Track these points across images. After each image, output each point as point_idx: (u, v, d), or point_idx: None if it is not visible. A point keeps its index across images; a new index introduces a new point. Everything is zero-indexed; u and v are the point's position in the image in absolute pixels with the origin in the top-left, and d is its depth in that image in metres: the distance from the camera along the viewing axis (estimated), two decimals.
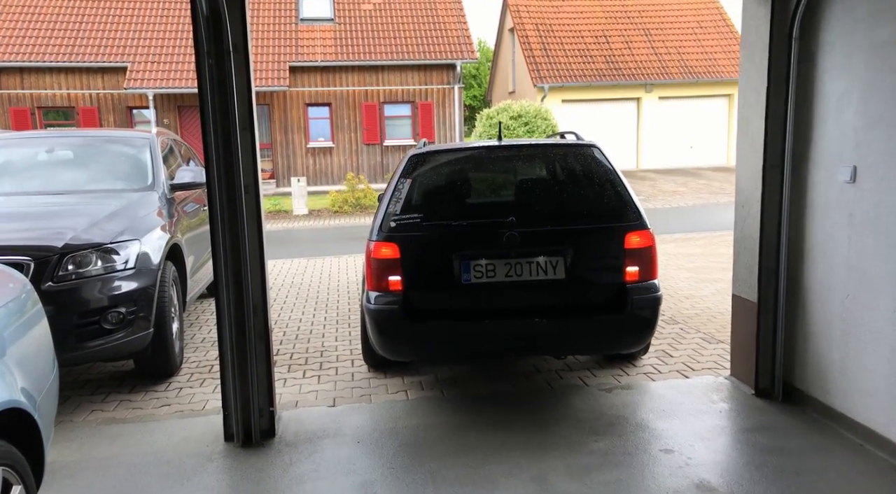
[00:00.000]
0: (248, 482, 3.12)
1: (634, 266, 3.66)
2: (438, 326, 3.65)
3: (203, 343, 5.38)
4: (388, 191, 3.88)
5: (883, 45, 3.07)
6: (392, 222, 3.71)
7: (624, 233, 3.67)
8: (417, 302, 3.65)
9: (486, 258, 3.62)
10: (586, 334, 3.72)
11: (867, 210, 3.20)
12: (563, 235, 3.69)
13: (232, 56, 3.21)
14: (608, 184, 3.87)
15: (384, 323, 3.64)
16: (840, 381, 3.42)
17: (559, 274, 3.63)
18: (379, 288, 3.66)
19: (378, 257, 3.65)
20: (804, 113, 3.63)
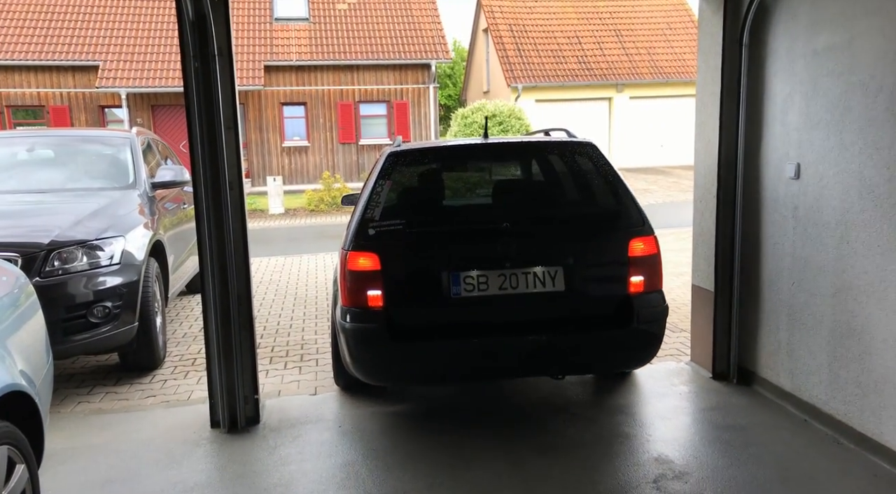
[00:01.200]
0: (235, 464, 3.29)
1: (639, 275, 3.34)
2: (425, 346, 3.27)
3: (185, 337, 5.50)
4: (363, 193, 3.51)
5: (821, 52, 3.34)
6: (370, 229, 3.31)
7: (627, 240, 3.34)
8: (400, 319, 3.26)
9: (477, 269, 3.26)
10: (589, 352, 3.40)
11: (809, 203, 3.48)
12: (562, 243, 3.36)
13: (217, 59, 3.37)
14: (608, 186, 3.55)
15: (363, 344, 3.25)
16: (787, 363, 3.70)
17: (558, 286, 3.29)
18: (356, 304, 3.25)
19: (355, 269, 3.24)
20: (754, 114, 3.90)
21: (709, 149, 4.12)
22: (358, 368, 3.34)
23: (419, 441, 3.45)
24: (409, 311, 3.32)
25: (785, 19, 3.61)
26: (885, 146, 2.98)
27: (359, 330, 3.25)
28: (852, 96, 3.16)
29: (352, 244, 3.29)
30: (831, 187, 3.32)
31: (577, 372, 3.91)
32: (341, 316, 3.34)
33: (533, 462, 3.19)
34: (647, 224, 3.41)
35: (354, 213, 3.46)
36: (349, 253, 3.28)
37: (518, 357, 3.34)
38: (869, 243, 3.09)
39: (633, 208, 3.45)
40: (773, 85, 3.74)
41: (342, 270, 3.35)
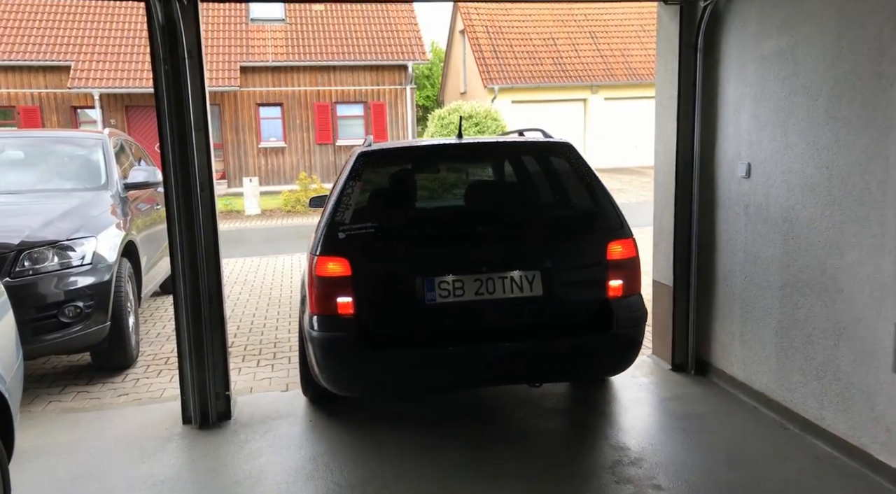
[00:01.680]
0: (207, 457, 3.36)
1: (618, 279, 3.27)
2: (398, 355, 3.14)
3: (158, 337, 5.54)
4: (332, 195, 3.38)
5: (768, 57, 3.52)
6: (340, 233, 3.17)
7: (606, 243, 3.27)
8: (372, 326, 3.14)
9: (452, 274, 3.15)
10: (568, 359, 3.30)
11: (759, 201, 3.65)
12: (539, 246, 3.27)
13: (187, 62, 3.44)
14: (585, 188, 3.46)
15: (333, 354, 3.12)
16: (740, 354, 3.87)
17: (536, 291, 3.19)
18: (325, 312, 3.12)
19: (324, 275, 3.11)
20: (709, 116, 4.07)
21: (667, 149, 4.28)
22: (327, 379, 3.20)
23: (388, 433, 3.55)
24: (382, 319, 3.19)
25: (736, 26, 3.78)
26: (824, 147, 3.15)
27: (328, 339, 3.11)
28: (796, 99, 3.33)
29: (320, 248, 3.14)
30: (778, 186, 3.49)
31: (555, 379, 3.80)
32: (309, 323, 3.19)
33: (496, 452, 3.31)
34: (626, 226, 3.34)
35: (323, 216, 3.32)
36: (318, 257, 3.13)
37: (495, 365, 3.22)
38: (811, 239, 3.26)
39: (611, 210, 3.37)
40: (726, 88, 3.91)
41: (310, 276, 3.19)
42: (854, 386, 3.05)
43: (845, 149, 3.02)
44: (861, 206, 2.95)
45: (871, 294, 2.92)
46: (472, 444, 3.39)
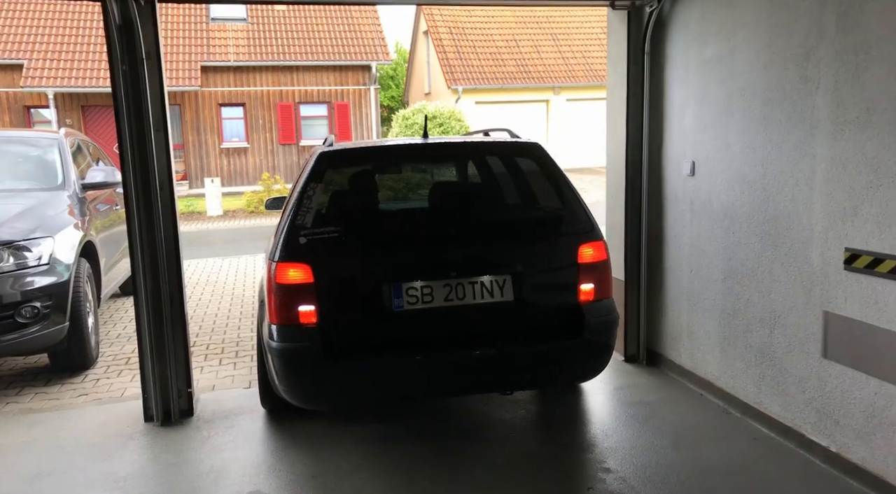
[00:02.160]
0: (169, 453, 3.40)
1: (589, 283, 3.20)
2: (364, 366, 3.01)
3: (119, 338, 5.50)
4: (292, 197, 3.23)
5: (709, 61, 3.71)
6: (301, 237, 3.03)
7: (577, 246, 3.20)
8: (337, 336, 3.01)
9: (421, 279, 3.03)
10: (539, 365, 3.21)
11: (703, 198, 3.85)
12: (509, 250, 3.18)
13: (145, 63, 3.47)
14: (555, 189, 3.40)
15: (296, 366, 2.98)
16: (688, 344, 4.06)
17: (507, 296, 3.10)
18: (286, 321, 2.97)
19: (284, 282, 2.95)
20: (657, 117, 4.26)
21: (618, 149, 4.46)
22: (289, 392, 3.05)
23: (348, 425, 3.63)
24: (347, 328, 3.05)
25: (679, 31, 3.97)
26: (759, 146, 3.35)
27: (289, 350, 2.96)
28: (734, 101, 3.52)
29: (280, 254, 2.99)
30: (719, 183, 3.69)
31: (527, 387, 3.72)
32: (269, 334, 3.03)
33: (454, 443, 3.42)
34: (596, 228, 3.28)
35: (282, 220, 3.16)
36: (277, 264, 2.98)
37: (466, 374, 3.12)
38: (749, 232, 3.46)
39: (581, 212, 3.30)
40: (672, 90, 4.10)
41: (269, 284, 3.03)
42: (788, 371, 3.25)
43: (777, 149, 3.22)
44: (792, 202, 3.15)
45: (802, 284, 3.12)
46: (432, 435, 3.50)
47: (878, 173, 2.67)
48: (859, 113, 2.74)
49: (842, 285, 2.89)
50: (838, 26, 2.82)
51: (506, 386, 3.33)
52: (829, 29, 2.86)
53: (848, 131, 2.80)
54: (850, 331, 2.86)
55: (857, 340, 2.82)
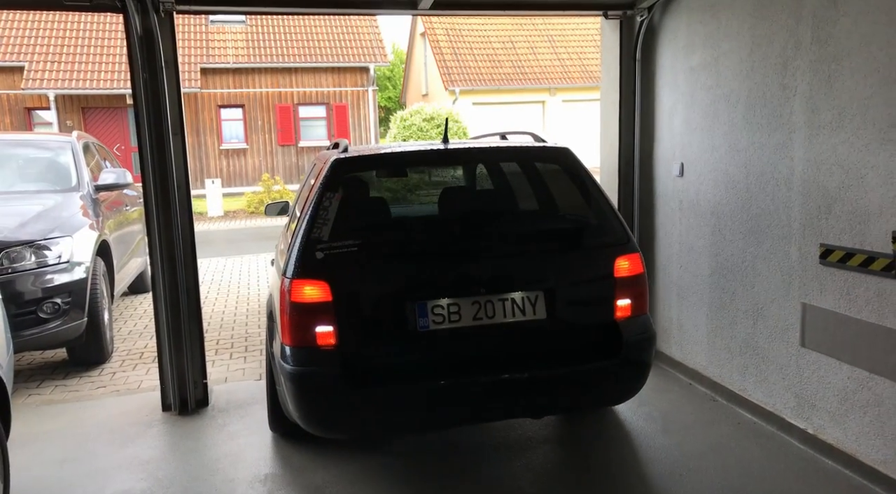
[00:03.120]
0: (188, 439, 3.60)
1: (626, 298, 2.99)
2: (388, 391, 2.77)
3: (130, 334, 5.70)
4: (306, 208, 2.93)
5: (696, 68, 3.93)
6: (318, 252, 2.80)
7: (613, 259, 2.99)
8: (357, 359, 2.77)
9: (447, 297, 2.81)
10: (575, 388, 2.97)
11: (691, 197, 4.06)
12: (541, 263, 2.97)
13: (164, 71, 3.67)
14: (587, 198, 3.20)
15: (312, 392, 2.75)
16: (678, 336, 4.28)
17: (539, 314, 2.88)
18: (303, 343, 2.74)
19: (300, 300, 2.72)
20: (648, 120, 4.47)
21: (611, 151, 4.67)
22: (305, 419, 2.82)
23: None
24: (368, 350, 2.82)
25: (668, 39, 4.19)
26: (742, 148, 3.57)
27: (306, 375, 2.72)
28: (719, 106, 3.74)
29: (295, 270, 2.74)
30: (706, 183, 3.91)
31: (561, 411, 3.50)
32: (282, 356, 2.80)
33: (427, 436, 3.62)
34: (632, 240, 3.08)
35: (297, 233, 2.88)
36: (293, 281, 2.73)
37: (497, 398, 2.88)
38: (734, 229, 3.68)
39: (616, 222, 3.09)
40: (662, 95, 4.32)
41: (283, 302, 2.78)
42: (769, 359, 3.47)
43: (759, 151, 3.44)
44: (772, 201, 3.37)
45: (782, 278, 3.34)
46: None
47: (848, 174, 2.89)
48: (832, 118, 2.96)
49: (818, 278, 3.11)
50: (813, 38, 3.04)
51: (539, 411, 3.14)
52: (805, 40, 3.08)
53: (822, 135, 3.02)
54: (825, 321, 3.08)
55: (831, 329, 3.04)
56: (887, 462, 2.81)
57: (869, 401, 2.87)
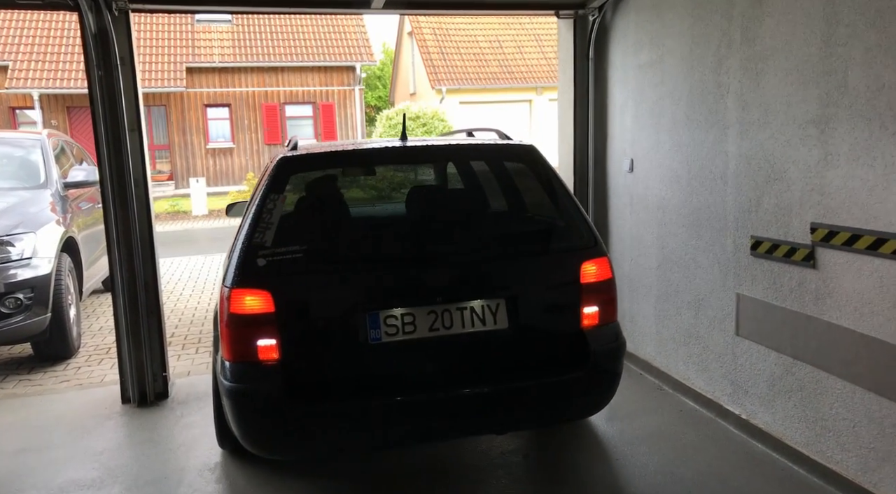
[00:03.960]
0: (144, 430, 3.67)
1: (593, 305, 2.82)
2: (336, 409, 2.57)
3: (101, 330, 5.76)
4: (249, 211, 2.76)
5: (644, 66, 4.02)
6: (260, 259, 2.60)
7: (578, 263, 2.81)
8: (303, 375, 2.58)
9: (401, 306, 2.63)
10: (539, 402, 2.78)
11: (640, 192, 4.16)
12: (503, 269, 2.79)
13: (120, 69, 3.73)
14: (553, 198, 3.04)
15: (253, 410, 2.56)
16: (630, 328, 4.38)
17: (500, 323, 2.71)
18: (243, 358, 2.54)
19: (240, 312, 2.53)
20: (601, 118, 4.57)
21: (568, 149, 4.77)
22: (246, 440, 2.63)
23: None
24: (315, 364, 2.62)
25: (619, 38, 4.29)
26: (684, 144, 3.67)
27: (246, 392, 2.54)
28: (664, 103, 3.84)
29: (235, 278, 2.54)
30: (653, 178, 4.01)
31: (526, 427, 3.30)
32: (222, 372, 2.60)
33: None
34: (600, 243, 2.90)
35: (238, 237, 2.69)
36: (232, 291, 2.53)
37: (455, 415, 2.69)
38: (677, 223, 3.78)
39: (582, 224, 2.91)
40: (614, 93, 4.42)
41: (223, 313, 2.59)
42: (709, 349, 3.57)
43: (698, 147, 3.54)
44: (710, 194, 3.47)
45: (720, 269, 3.44)
46: None
47: (774, 168, 3.00)
48: (759, 115, 3.06)
49: (750, 269, 3.21)
50: (742, 38, 3.14)
51: (502, 427, 2.97)
52: (736, 40, 3.19)
53: (751, 131, 3.13)
54: (755, 311, 3.18)
55: (760, 318, 3.15)
56: (809, 445, 2.92)
57: (793, 386, 2.98)
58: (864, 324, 2.58)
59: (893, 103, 2.40)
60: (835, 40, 2.63)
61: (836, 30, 2.62)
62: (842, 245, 2.64)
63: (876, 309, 2.53)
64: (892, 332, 2.47)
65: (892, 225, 2.43)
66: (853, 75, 2.55)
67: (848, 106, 2.58)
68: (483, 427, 2.89)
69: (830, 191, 2.70)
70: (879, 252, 2.48)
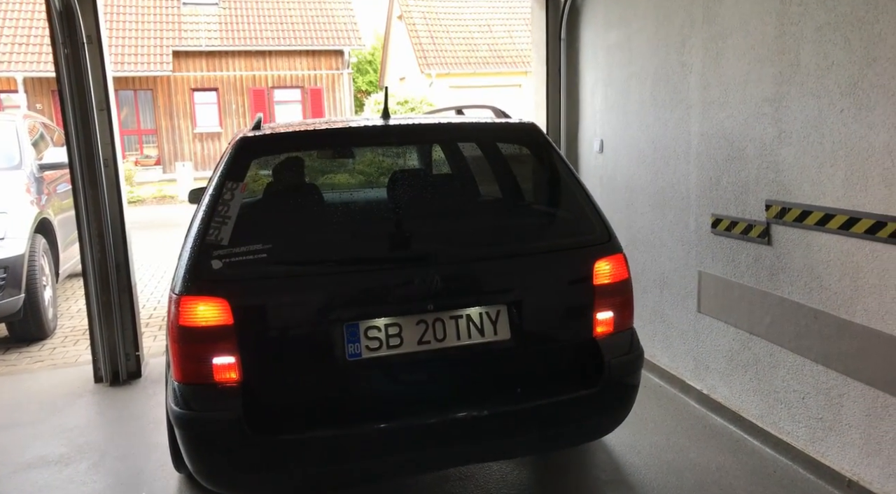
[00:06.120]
0: (115, 408, 3.71)
1: (607, 310, 2.44)
2: (306, 440, 2.16)
3: (78, 312, 5.77)
4: (202, 204, 2.35)
5: (613, 47, 4.04)
6: (215, 260, 2.16)
7: (591, 262, 2.42)
8: (267, 398, 2.18)
9: (385, 316, 2.24)
10: (546, 425, 2.36)
11: (609, 173, 4.19)
12: (505, 270, 2.39)
13: (86, 47, 3.72)
14: (558, 185, 2.67)
15: (208, 443, 2.16)
16: None
17: (501, 334, 2.32)
18: (195, 379, 2.13)
19: (191, 324, 2.11)
20: (573, 98, 4.59)
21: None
22: (203, 476, 2.22)
23: None
24: (282, 386, 2.22)
25: (589, 18, 4.30)
26: (650, 124, 3.70)
27: (199, 422, 2.13)
28: (632, 84, 3.86)
29: (185, 284, 2.12)
30: (621, 158, 4.04)
31: (531, 452, 2.88)
32: (172, 396, 2.20)
33: None
34: (614, 238, 2.50)
35: (189, 234, 2.31)
36: (181, 298, 2.11)
37: (449, 443, 2.29)
38: (643, 202, 3.82)
39: (593, 216, 2.51)
40: (585, 73, 4.43)
41: (171, 325, 2.18)
42: (673, 326, 3.63)
43: (663, 126, 3.57)
44: (674, 174, 3.51)
45: (683, 247, 3.49)
46: None
47: (733, 147, 3.03)
48: (720, 94, 3.09)
49: (710, 247, 3.26)
50: (704, 17, 3.16)
51: (502, 455, 2.62)
52: (698, 19, 3.20)
53: (712, 110, 3.16)
54: (715, 287, 3.23)
55: (720, 294, 3.20)
56: (763, 417, 2.98)
57: (749, 361, 3.04)
58: (814, 298, 2.64)
59: (841, 81, 2.43)
60: (788, 19, 2.65)
61: (789, 8, 2.64)
62: (793, 221, 2.69)
63: (824, 284, 2.58)
64: (838, 305, 2.52)
65: (839, 200, 2.48)
66: (805, 53, 2.58)
67: (800, 84, 2.61)
68: (483, 455, 2.47)
69: (784, 169, 2.74)
70: (827, 227, 2.52)
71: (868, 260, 2.38)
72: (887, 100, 2.26)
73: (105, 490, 2.86)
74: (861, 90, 2.36)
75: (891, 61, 2.24)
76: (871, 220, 2.34)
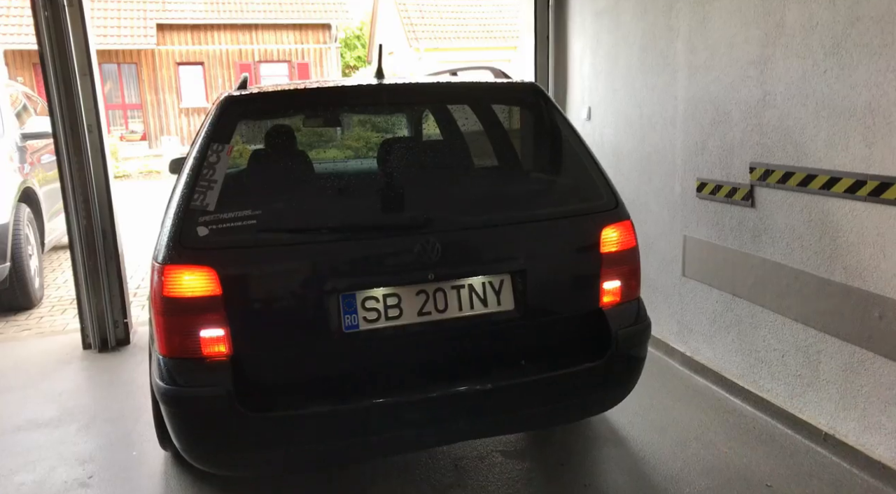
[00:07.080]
0: (103, 373, 3.72)
1: (614, 279, 2.37)
2: (301, 416, 2.06)
3: (65, 283, 5.75)
4: (186, 166, 2.22)
5: (601, 13, 4.02)
6: (202, 226, 2.04)
7: (598, 229, 2.34)
8: (258, 373, 2.10)
9: (383, 286, 2.14)
10: (551, 398, 2.31)
11: (597, 140, 4.20)
12: (507, 237, 2.29)
13: (67, 9, 3.65)
14: (562, 149, 2.57)
15: (197, 420, 2.08)
16: None
17: (505, 304, 2.23)
18: (183, 353, 2.04)
19: (176, 295, 2.01)
20: (562, 65, 4.58)
21: None
22: (191, 455, 2.14)
23: None
24: (274, 360, 2.14)
25: None
26: (637, 89, 3.70)
27: (187, 398, 2.04)
28: (619, 50, 3.86)
29: (169, 252, 2.01)
30: (609, 125, 4.04)
31: (534, 428, 2.84)
32: (157, 369, 2.10)
33: None
34: (621, 204, 2.42)
35: (171, 199, 2.20)
36: (165, 268, 2.00)
37: (450, 418, 2.21)
38: (630, 168, 3.84)
39: (600, 182, 2.42)
40: (573, 40, 4.41)
41: (154, 297, 2.07)
42: (658, 290, 3.67)
43: (650, 91, 3.58)
44: (661, 139, 3.52)
45: (668, 212, 3.52)
46: None
47: (718, 111, 3.05)
48: (706, 58, 3.10)
49: (696, 211, 3.29)
50: None
51: (505, 429, 2.56)
52: None
53: (699, 74, 3.16)
54: (700, 251, 3.27)
55: (704, 258, 3.24)
56: (744, 376, 3.05)
57: (731, 322, 3.10)
58: (795, 258, 2.68)
59: (825, 41, 2.44)
60: None
61: None
62: (776, 183, 2.72)
63: (805, 244, 2.62)
64: (818, 265, 2.57)
65: (821, 161, 2.51)
66: (790, 14, 2.59)
67: (784, 45, 2.62)
68: (485, 430, 2.41)
69: (768, 131, 2.76)
70: (809, 188, 2.56)
71: (847, 219, 2.42)
72: (870, 59, 2.28)
73: (95, 450, 2.89)
74: (844, 50, 2.37)
75: (873, 20, 2.25)
76: (851, 180, 2.37)
